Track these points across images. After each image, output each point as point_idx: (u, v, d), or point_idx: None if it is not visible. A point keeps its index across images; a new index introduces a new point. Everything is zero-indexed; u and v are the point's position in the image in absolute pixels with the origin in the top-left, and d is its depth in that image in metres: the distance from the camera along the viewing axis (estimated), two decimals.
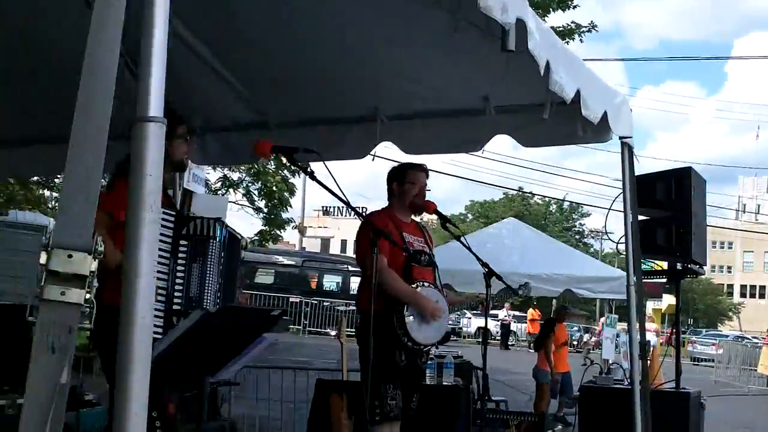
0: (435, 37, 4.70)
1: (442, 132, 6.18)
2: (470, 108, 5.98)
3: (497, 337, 37.53)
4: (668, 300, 45.89)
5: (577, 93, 4.76)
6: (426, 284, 5.16)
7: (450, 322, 30.69)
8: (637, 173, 5.94)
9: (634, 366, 5.73)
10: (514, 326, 37.29)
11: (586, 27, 16.47)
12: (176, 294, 3.58)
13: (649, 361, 5.98)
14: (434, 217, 5.37)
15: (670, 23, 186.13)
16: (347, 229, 74.72)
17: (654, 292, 41.00)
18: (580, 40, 16.08)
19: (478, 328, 40.25)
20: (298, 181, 36.26)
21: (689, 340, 42.24)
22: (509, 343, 35.49)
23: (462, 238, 5.09)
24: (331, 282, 26.92)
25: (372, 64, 5.39)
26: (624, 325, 29.05)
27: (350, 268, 28.11)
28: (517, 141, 6.07)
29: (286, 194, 30.58)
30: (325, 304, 26.41)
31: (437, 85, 5.68)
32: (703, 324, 70.61)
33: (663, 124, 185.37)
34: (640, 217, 6.38)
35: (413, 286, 5.08)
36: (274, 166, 28.65)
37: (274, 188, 28.81)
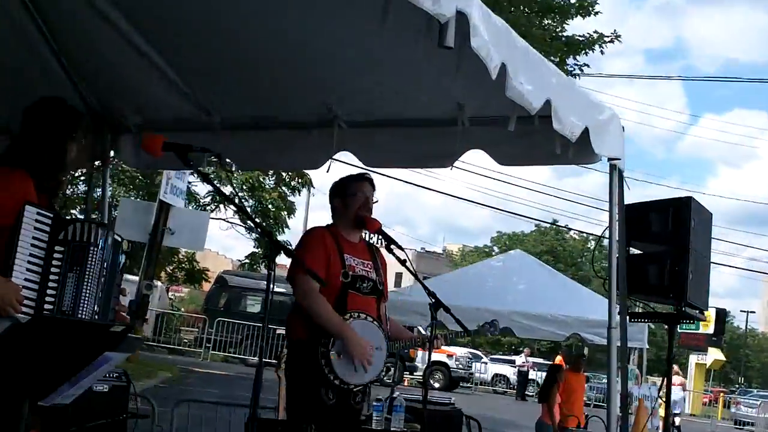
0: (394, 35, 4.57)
1: (408, 143, 6.12)
2: (441, 117, 5.90)
3: (514, 386, 37.13)
4: (714, 354, 45.49)
5: (547, 104, 4.64)
6: (362, 316, 5.10)
7: (460, 366, 29.83)
8: None
9: (612, 421, 5.61)
10: (534, 374, 36.93)
11: (608, 37, 16.38)
12: (47, 306, 3.52)
13: (633, 415, 5.82)
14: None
15: (737, 42, 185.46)
16: None
17: (698, 346, 40.65)
18: (601, 52, 15.96)
19: (495, 375, 39.92)
20: (299, 199, 36.07)
21: (734, 401, 41.72)
22: (527, 393, 35.15)
23: (408, 264, 4.94)
24: None
25: (327, 62, 5.37)
26: (656, 379, 28.58)
27: None
28: (492, 158, 6.01)
29: (283, 213, 30.42)
30: None
31: (403, 89, 5.61)
32: (757, 384, 69.80)
33: (726, 158, 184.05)
34: (632, 251, 6.24)
35: (345, 317, 5.02)
36: (272, 182, 28.54)
37: (269, 206, 28.78)
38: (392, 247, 5.18)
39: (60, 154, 3.93)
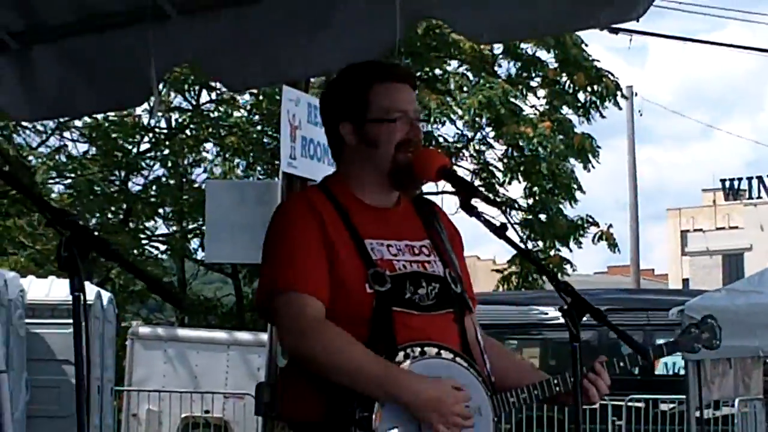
0: None
1: None
2: None
3: None
4: None
5: None
6: (430, 350, 3.30)
7: None
8: None
9: None
10: None
11: None
12: None
13: None
14: None
15: None
16: None
17: None
18: None
19: None
20: (599, 127, 18.60)
21: None
22: None
23: (512, 230, 2.79)
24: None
25: None
26: None
27: None
28: None
29: (568, 165, 18.20)
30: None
31: None
32: None
33: None
34: None
35: (397, 359, 3.27)
36: (541, 101, 18.84)
37: (531, 151, 17.32)
38: (474, 201, 3.34)
39: None
